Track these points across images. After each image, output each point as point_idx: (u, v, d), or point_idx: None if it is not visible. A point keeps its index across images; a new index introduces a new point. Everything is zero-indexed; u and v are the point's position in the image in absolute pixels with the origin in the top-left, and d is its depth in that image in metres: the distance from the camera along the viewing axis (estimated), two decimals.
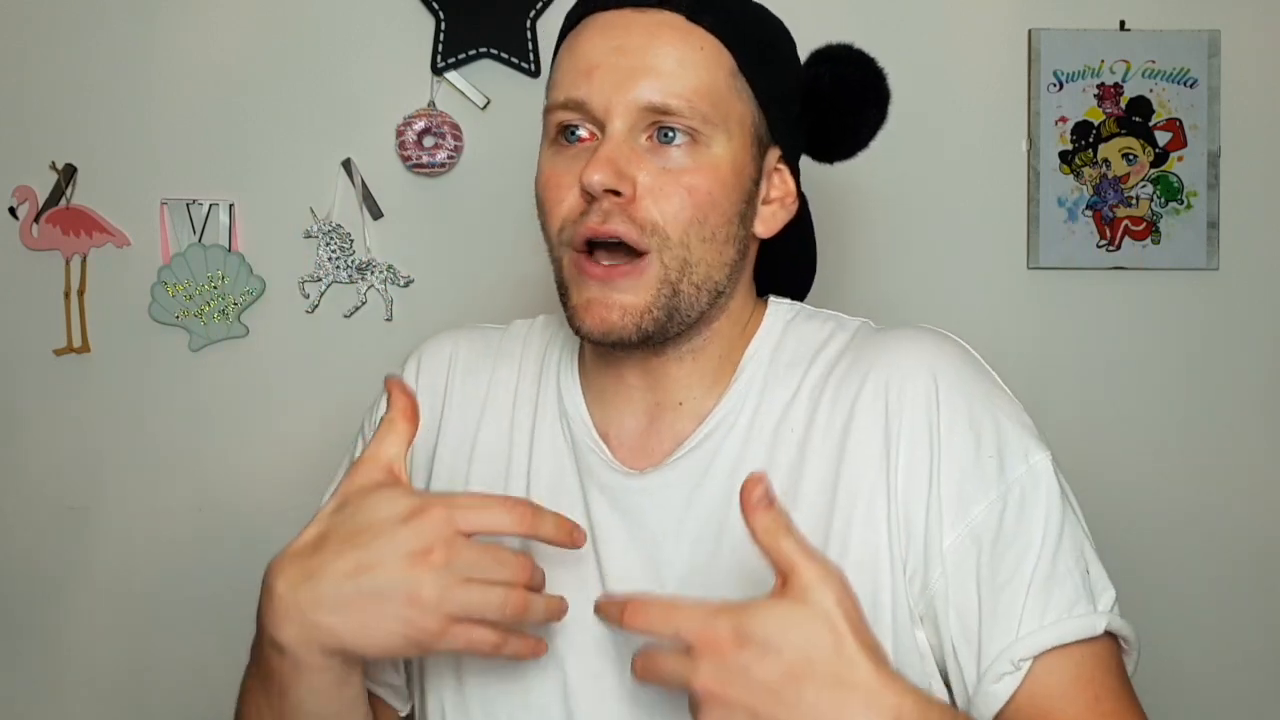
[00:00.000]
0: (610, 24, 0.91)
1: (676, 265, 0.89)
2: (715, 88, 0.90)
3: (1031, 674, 0.84)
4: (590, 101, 0.89)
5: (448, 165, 1.74)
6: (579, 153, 0.90)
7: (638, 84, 0.88)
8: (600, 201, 0.87)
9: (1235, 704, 1.79)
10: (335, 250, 1.74)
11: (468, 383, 1.03)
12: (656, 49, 0.89)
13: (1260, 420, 1.79)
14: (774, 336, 0.98)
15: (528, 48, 1.74)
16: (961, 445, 0.88)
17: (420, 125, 1.73)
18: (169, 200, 1.74)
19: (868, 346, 0.94)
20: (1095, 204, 1.77)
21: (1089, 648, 0.85)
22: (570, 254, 0.91)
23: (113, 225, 1.74)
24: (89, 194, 1.74)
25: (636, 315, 0.89)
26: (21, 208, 1.73)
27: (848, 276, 1.75)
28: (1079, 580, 0.86)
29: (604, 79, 0.88)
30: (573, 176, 0.89)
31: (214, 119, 1.74)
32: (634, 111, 0.88)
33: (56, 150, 1.73)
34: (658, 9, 0.90)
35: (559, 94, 0.91)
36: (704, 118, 0.89)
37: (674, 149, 0.89)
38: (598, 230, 0.88)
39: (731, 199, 0.91)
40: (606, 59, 0.89)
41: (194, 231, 1.74)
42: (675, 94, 0.88)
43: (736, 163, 0.91)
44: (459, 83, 1.74)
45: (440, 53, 1.73)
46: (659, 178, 0.88)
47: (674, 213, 0.88)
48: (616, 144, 0.88)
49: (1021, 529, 0.86)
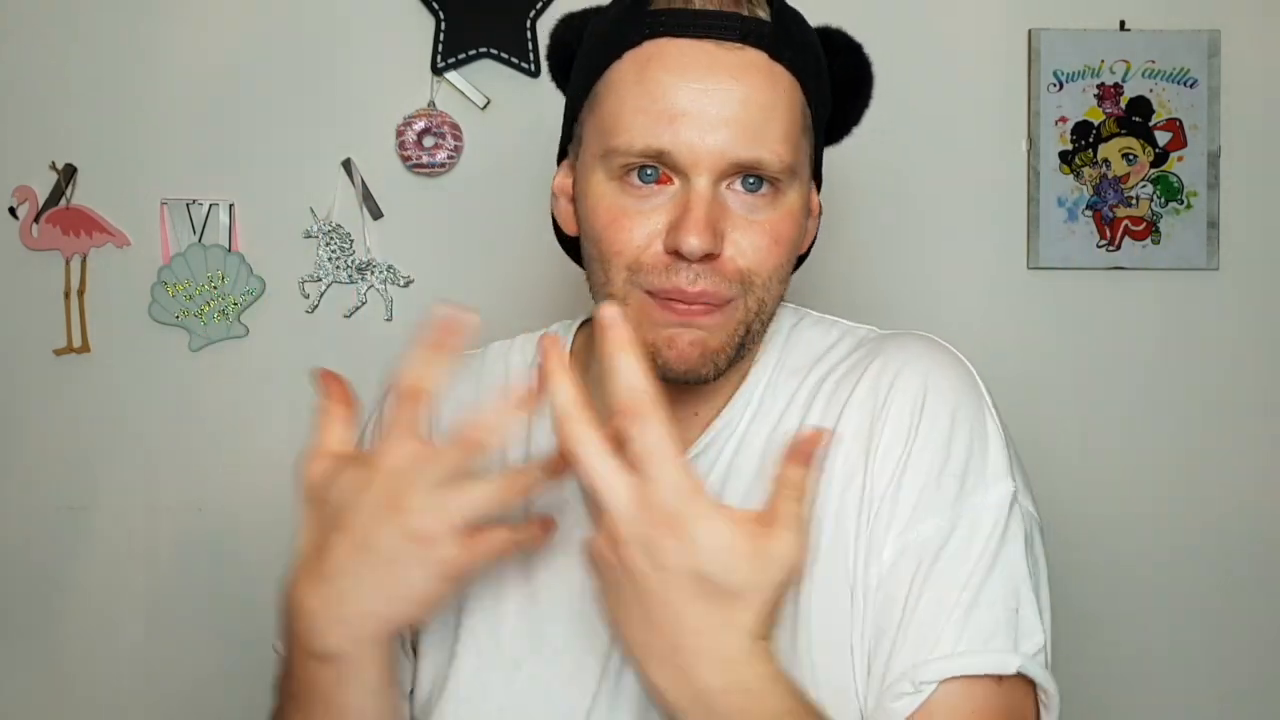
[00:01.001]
0: (690, 61, 0.84)
1: (755, 307, 0.88)
2: (793, 132, 0.87)
3: (931, 700, 0.80)
4: (676, 152, 0.84)
5: (448, 165, 1.74)
6: (651, 195, 0.86)
7: (726, 136, 0.83)
8: (692, 264, 0.84)
9: (1234, 702, 1.79)
10: (335, 250, 1.74)
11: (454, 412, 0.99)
12: (745, 95, 0.84)
13: (1260, 420, 1.79)
14: (779, 341, 0.97)
15: (528, 48, 1.74)
16: (930, 459, 0.86)
17: (420, 125, 1.73)
18: (169, 200, 1.74)
19: (872, 348, 0.94)
20: (1095, 204, 1.77)
21: (997, 687, 0.81)
22: (641, 295, 0.87)
23: (113, 225, 1.74)
24: (89, 194, 1.74)
25: (714, 354, 0.88)
26: (21, 208, 1.73)
27: (848, 276, 1.75)
28: (1002, 616, 0.82)
29: (690, 129, 0.83)
30: (643, 220, 0.85)
31: (214, 119, 1.74)
32: (722, 165, 0.84)
33: (56, 150, 1.73)
34: (741, 45, 0.85)
35: (633, 139, 0.84)
36: (789, 169, 0.86)
37: (759, 198, 0.86)
38: (687, 292, 0.85)
39: (801, 236, 0.91)
40: (691, 105, 0.83)
41: (194, 231, 1.74)
42: (766, 148, 0.84)
43: (805, 200, 0.90)
44: (459, 83, 1.74)
45: (440, 53, 1.73)
46: (746, 231, 0.86)
47: (760, 262, 0.87)
48: (708, 202, 0.84)
49: (960, 555, 0.84)
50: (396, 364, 0.83)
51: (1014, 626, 0.83)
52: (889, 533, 0.85)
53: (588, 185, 0.89)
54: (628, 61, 0.87)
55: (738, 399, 0.95)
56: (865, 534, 0.87)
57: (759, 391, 0.95)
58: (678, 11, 0.86)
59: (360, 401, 0.86)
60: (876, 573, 0.85)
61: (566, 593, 0.92)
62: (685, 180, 0.85)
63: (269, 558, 1.72)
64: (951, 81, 1.76)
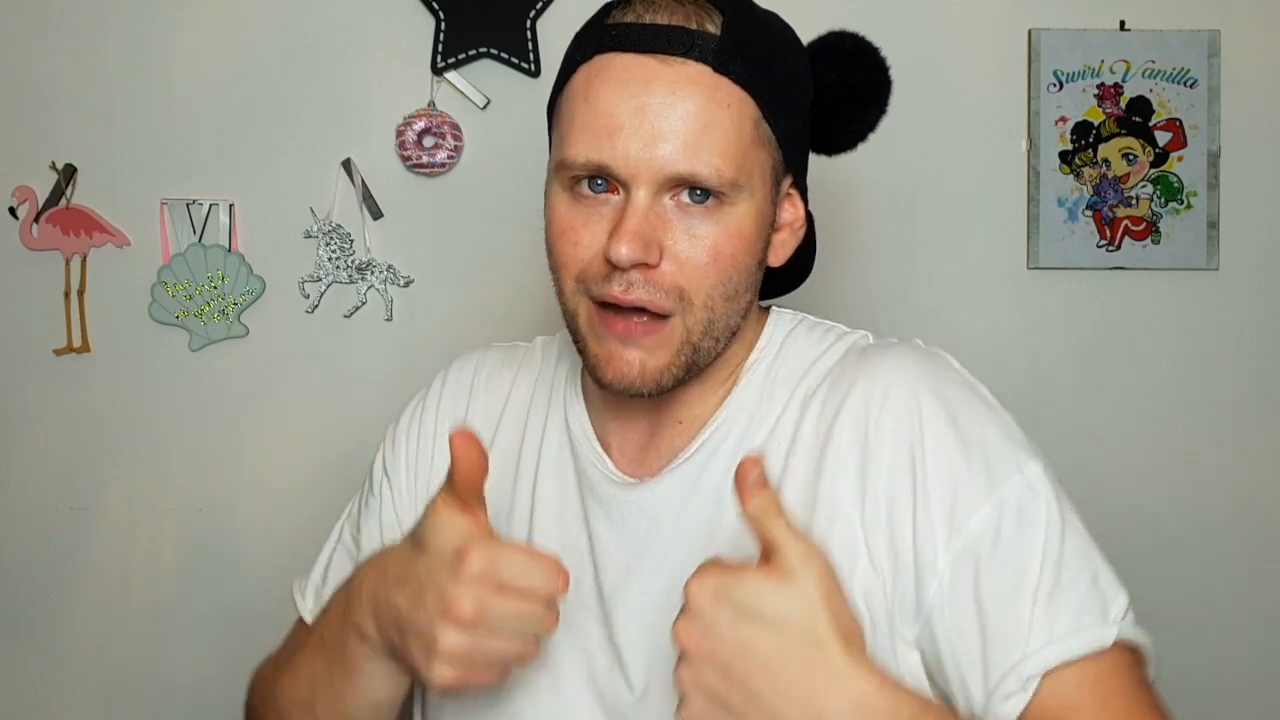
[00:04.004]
0: (631, 76, 0.86)
1: (700, 326, 0.88)
2: (741, 146, 0.86)
3: (1041, 690, 0.80)
4: (614, 166, 0.85)
5: (448, 165, 1.74)
6: (599, 204, 0.87)
7: (663, 149, 0.84)
8: (626, 272, 0.85)
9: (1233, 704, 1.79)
10: (335, 250, 1.74)
11: (489, 395, 1.04)
12: (683, 110, 0.85)
13: (1260, 420, 1.79)
14: (773, 348, 0.97)
15: (528, 48, 1.74)
16: (949, 462, 0.85)
17: (420, 125, 1.73)
18: (169, 200, 1.74)
19: (854, 363, 0.93)
20: (1095, 204, 1.77)
21: (1100, 661, 0.81)
22: (588, 304, 0.89)
23: (113, 225, 1.74)
24: (89, 194, 1.74)
25: (656, 374, 0.89)
26: (21, 208, 1.73)
27: (847, 276, 1.75)
28: (1086, 589, 0.82)
29: (627, 143, 0.84)
30: (591, 232, 0.87)
31: (214, 119, 1.74)
32: (660, 179, 0.85)
33: (56, 150, 1.73)
34: (683, 59, 0.85)
35: (577, 153, 0.86)
36: (730, 183, 0.86)
37: (700, 210, 0.86)
38: (621, 299, 0.86)
39: (753, 252, 0.90)
40: (629, 120, 0.85)
41: (194, 231, 1.74)
42: (702, 161, 0.84)
43: (759, 215, 0.89)
44: (459, 83, 1.74)
45: (440, 53, 1.73)
46: (685, 243, 0.86)
47: (699, 278, 0.87)
48: (643, 213, 0.85)
49: (1021, 541, 0.82)
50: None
51: (1099, 596, 0.82)
52: (936, 549, 0.83)
53: (547, 195, 0.91)
54: (580, 75, 0.89)
55: (728, 407, 0.94)
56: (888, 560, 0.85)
57: (751, 400, 0.94)
58: (626, 26, 0.87)
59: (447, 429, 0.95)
60: (936, 590, 0.83)
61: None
62: (627, 192, 0.86)
63: (269, 557, 1.74)
64: (951, 81, 1.76)
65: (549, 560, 0.81)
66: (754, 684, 0.72)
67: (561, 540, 0.96)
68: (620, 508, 0.94)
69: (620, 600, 0.92)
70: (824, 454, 0.89)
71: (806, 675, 0.72)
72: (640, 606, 0.91)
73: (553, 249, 0.90)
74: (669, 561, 0.91)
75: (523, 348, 1.09)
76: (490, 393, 1.05)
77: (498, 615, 0.79)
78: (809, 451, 0.90)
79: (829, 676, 0.72)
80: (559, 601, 0.82)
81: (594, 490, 0.96)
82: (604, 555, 0.94)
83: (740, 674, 0.72)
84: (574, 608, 0.92)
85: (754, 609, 0.72)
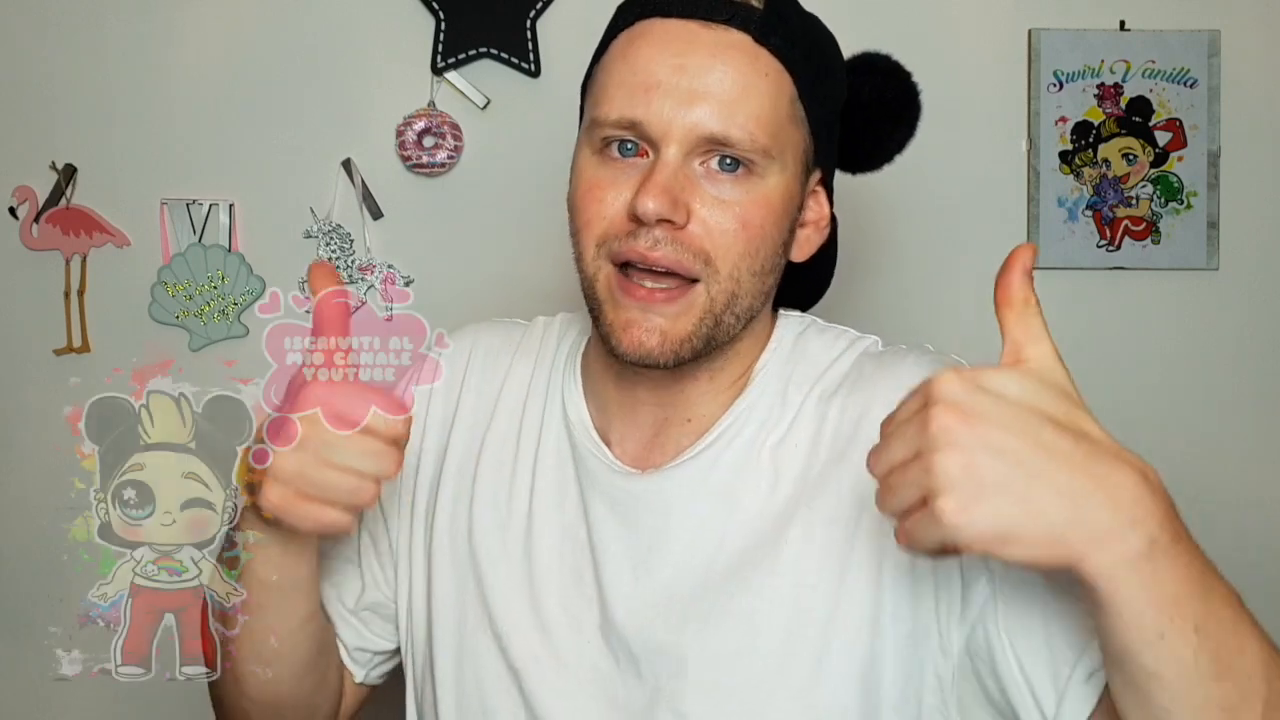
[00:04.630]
0: (672, 36, 0.86)
1: (724, 298, 0.88)
2: (776, 117, 0.87)
3: None
4: (648, 122, 0.85)
5: (448, 165, 1.74)
6: (627, 167, 0.87)
7: (699, 110, 0.84)
8: (652, 228, 0.85)
9: None
10: (335, 250, 1.74)
11: (485, 375, 1.03)
12: (721, 72, 0.85)
13: (1260, 420, 1.79)
14: (784, 350, 0.96)
15: (528, 48, 1.73)
16: None
17: (420, 125, 1.73)
18: (169, 200, 1.74)
19: (874, 368, 0.93)
20: (1095, 204, 1.77)
21: None
22: (609, 269, 0.88)
23: (113, 225, 1.74)
24: (89, 194, 1.74)
25: (676, 343, 0.88)
26: (21, 208, 1.73)
27: (847, 277, 1.74)
28: None
29: (663, 100, 0.85)
30: (618, 191, 0.87)
31: (214, 119, 1.74)
32: (693, 138, 0.85)
33: (56, 150, 1.73)
34: (725, 26, 0.86)
35: (610, 109, 0.86)
36: (763, 150, 0.86)
37: (729, 178, 0.86)
38: (646, 256, 0.85)
39: (780, 229, 0.90)
40: (667, 78, 0.85)
41: (194, 231, 1.74)
42: (738, 124, 0.85)
43: (788, 193, 0.89)
44: (459, 83, 1.74)
45: (440, 53, 1.73)
46: (713, 208, 0.86)
47: (726, 245, 0.86)
48: (672, 170, 0.85)
49: None
50: None
51: None
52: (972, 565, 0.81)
53: (575, 160, 0.91)
54: (620, 39, 0.89)
55: (739, 406, 0.94)
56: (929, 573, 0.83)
57: (764, 401, 0.94)
58: None
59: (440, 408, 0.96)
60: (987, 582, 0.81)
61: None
62: (658, 153, 0.86)
63: None
64: (951, 81, 1.76)
65: (393, 401, 0.79)
66: (1031, 458, 0.66)
67: (561, 530, 0.95)
68: (625, 499, 0.93)
69: (619, 591, 0.91)
70: (848, 455, 0.88)
71: (1088, 445, 0.69)
72: (640, 599, 0.90)
73: (576, 209, 0.90)
74: (673, 556, 0.91)
75: (521, 327, 1.07)
76: (487, 372, 1.03)
77: (329, 441, 0.77)
78: (833, 454, 0.89)
79: (1111, 448, 0.70)
80: (402, 445, 0.80)
81: (595, 481, 0.95)
82: (604, 546, 0.93)
83: (1018, 445, 0.66)
84: (572, 597, 0.92)
85: (1015, 393, 0.68)
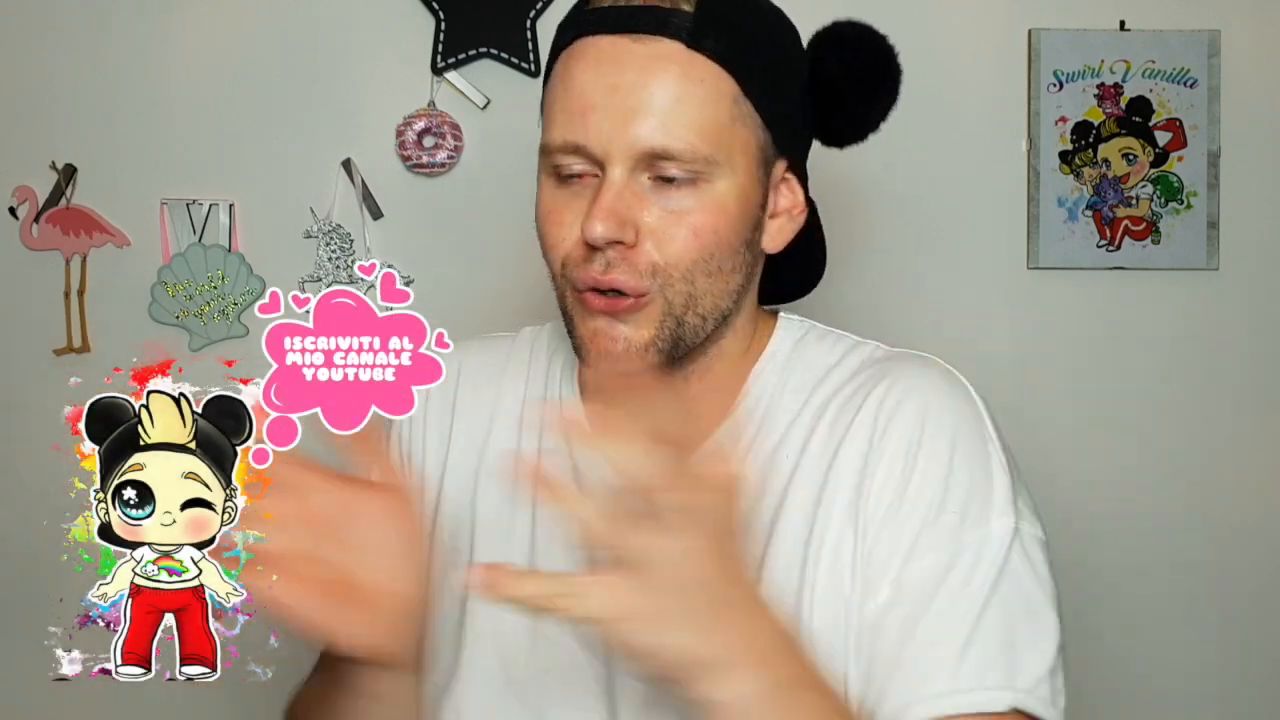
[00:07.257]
0: (603, 55, 0.87)
1: (681, 300, 0.88)
2: (716, 122, 0.86)
3: None
4: (588, 145, 0.86)
5: (448, 165, 1.74)
6: (579, 189, 0.88)
7: (635, 127, 0.85)
8: (604, 251, 0.86)
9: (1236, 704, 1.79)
10: (335, 250, 1.74)
11: (477, 395, 1.02)
12: (654, 86, 0.85)
13: (1260, 420, 1.79)
14: (782, 356, 0.96)
15: (528, 48, 1.74)
16: (930, 494, 0.85)
17: (420, 125, 1.73)
18: (169, 200, 1.74)
19: (872, 372, 0.92)
20: (1095, 204, 1.77)
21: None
22: (572, 291, 0.89)
23: (113, 225, 1.74)
24: (89, 194, 1.74)
25: (640, 348, 0.88)
26: (21, 208, 1.73)
27: (847, 277, 1.74)
28: (997, 652, 0.81)
29: (600, 121, 0.85)
30: (573, 214, 0.87)
31: (214, 119, 1.74)
32: (633, 155, 0.85)
33: (56, 150, 1.73)
34: (655, 36, 0.86)
35: (554, 135, 0.88)
36: (705, 159, 0.86)
37: (677, 189, 0.86)
38: (599, 280, 0.86)
39: (737, 230, 0.89)
40: (602, 99, 0.85)
41: (194, 231, 1.74)
42: (675, 136, 0.85)
43: (742, 194, 0.89)
44: (459, 83, 1.75)
45: (440, 53, 1.73)
46: (662, 220, 0.86)
47: (677, 254, 0.87)
48: (617, 191, 0.85)
49: (957, 591, 0.82)
50: None
51: (1011, 661, 0.81)
52: (886, 570, 0.84)
53: (538, 183, 0.92)
54: (560, 62, 0.90)
55: (737, 415, 0.93)
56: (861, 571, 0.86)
57: (761, 407, 0.94)
58: (603, 10, 0.88)
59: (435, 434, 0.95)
60: (873, 609, 0.84)
61: None
62: (603, 171, 0.86)
63: None
64: (951, 81, 1.76)
65: None
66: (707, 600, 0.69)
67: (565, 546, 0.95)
68: None
69: None
70: (834, 460, 0.88)
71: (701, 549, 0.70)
72: None
73: (541, 234, 0.91)
74: None
75: (505, 340, 1.06)
76: (478, 399, 1.02)
77: None
78: (821, 459, 0.89)
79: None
80: None
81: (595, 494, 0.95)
82: None
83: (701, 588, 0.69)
84: None
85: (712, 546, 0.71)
